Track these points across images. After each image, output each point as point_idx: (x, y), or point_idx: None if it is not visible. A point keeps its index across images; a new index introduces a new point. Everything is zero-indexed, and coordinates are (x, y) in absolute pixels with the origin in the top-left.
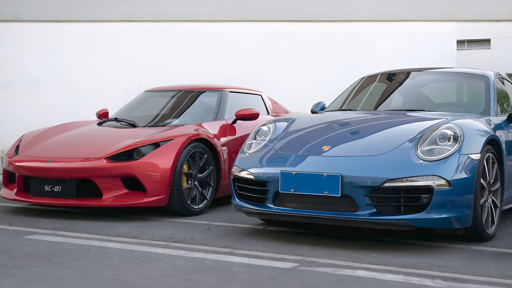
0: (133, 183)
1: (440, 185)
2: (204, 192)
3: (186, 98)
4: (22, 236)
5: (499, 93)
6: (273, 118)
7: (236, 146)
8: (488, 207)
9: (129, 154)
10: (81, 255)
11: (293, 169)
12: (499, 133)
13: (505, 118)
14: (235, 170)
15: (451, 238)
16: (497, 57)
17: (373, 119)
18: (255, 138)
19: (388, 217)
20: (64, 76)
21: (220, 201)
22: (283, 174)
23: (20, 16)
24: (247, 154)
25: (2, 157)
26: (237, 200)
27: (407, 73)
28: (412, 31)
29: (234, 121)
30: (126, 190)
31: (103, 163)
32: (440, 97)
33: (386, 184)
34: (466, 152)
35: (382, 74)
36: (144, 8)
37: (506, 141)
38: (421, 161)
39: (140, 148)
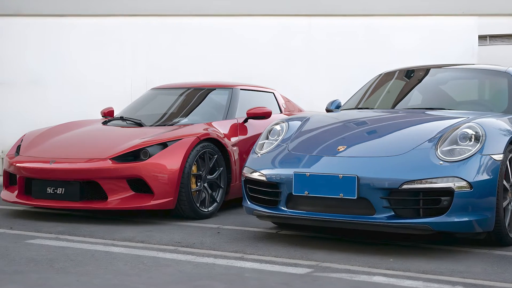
0: (139, 185)
1: (461, 187)
2: (214, 194)
3: (195, 96)
4: (24, 240)
5: None
6: (286, 117)
7: (247, 146)
8: (511, 210)
9: (136, 154)
10: (85, 260)
11: (307, 170)
12: None
13: None
14: (246, 171)
15: (473, 242)
16: None
17: (390, 118)
18: (267, 138)
19: (407, 221)
20: (67, 73)
21: (230, 204)
22: (296, 175)
23: (21, 10)
24: (259, 155)
25: (2, 158)
26: (249, 202)
27: (426, 70)
28: (431, 26)
29: (246, 120)
30: (132, 192)
31: (108, 164)
32: (461, 95)
33: (405, 186)
34: (488, 153)
35: (400, 71)
36: (152, 2)
37: None
38: (441, 162)
39: (147, 148)
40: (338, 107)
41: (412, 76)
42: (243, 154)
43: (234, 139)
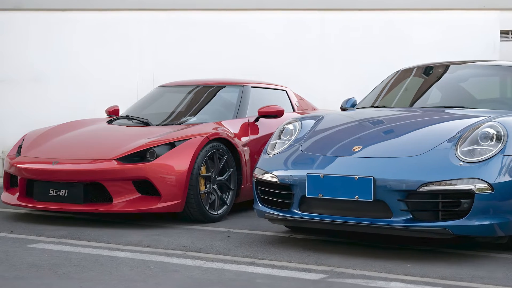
0: (146, 187)
1: (482, 189)
2: (223, 196)
3: (204, 94)
4: (25, 244)
5: None
6: (299, 115)
7: (258, 147)
8: None
9: (142, 155)
10: (89, 265)
11: (321, 172)
12: None
13: None
14: (257, 173)
15: (494, 247)
16: None
17: (408, 117)
18: (279, 138)
19: (425, 224)
20: (70, 70)
21: (241, 207)
22: (310, 177)
23: (22, 4)
24: (271, 155)
25: (3, 159)
26: (260, 205)
27: (445, 67)
28: (451, 20)
29: (257, 119)
30: (139, 195)
31: (114, 165)
32: (481, 93)
33: (423, 188)
34: (511, 153)
35: (419, 67)
36: None
37: None
38: (461, 163)
39: (154, 149)
40: (353, 105)
41: (430, 73)
42: (254, 155)
43: (245, 139)
